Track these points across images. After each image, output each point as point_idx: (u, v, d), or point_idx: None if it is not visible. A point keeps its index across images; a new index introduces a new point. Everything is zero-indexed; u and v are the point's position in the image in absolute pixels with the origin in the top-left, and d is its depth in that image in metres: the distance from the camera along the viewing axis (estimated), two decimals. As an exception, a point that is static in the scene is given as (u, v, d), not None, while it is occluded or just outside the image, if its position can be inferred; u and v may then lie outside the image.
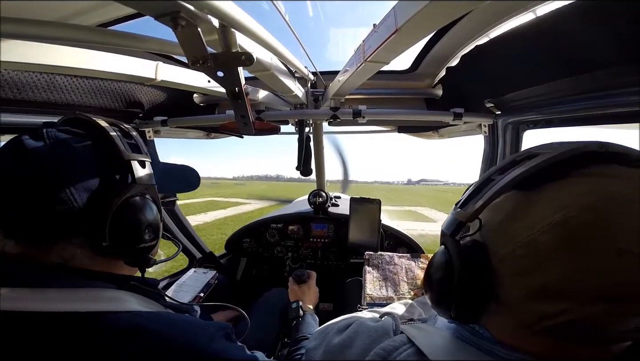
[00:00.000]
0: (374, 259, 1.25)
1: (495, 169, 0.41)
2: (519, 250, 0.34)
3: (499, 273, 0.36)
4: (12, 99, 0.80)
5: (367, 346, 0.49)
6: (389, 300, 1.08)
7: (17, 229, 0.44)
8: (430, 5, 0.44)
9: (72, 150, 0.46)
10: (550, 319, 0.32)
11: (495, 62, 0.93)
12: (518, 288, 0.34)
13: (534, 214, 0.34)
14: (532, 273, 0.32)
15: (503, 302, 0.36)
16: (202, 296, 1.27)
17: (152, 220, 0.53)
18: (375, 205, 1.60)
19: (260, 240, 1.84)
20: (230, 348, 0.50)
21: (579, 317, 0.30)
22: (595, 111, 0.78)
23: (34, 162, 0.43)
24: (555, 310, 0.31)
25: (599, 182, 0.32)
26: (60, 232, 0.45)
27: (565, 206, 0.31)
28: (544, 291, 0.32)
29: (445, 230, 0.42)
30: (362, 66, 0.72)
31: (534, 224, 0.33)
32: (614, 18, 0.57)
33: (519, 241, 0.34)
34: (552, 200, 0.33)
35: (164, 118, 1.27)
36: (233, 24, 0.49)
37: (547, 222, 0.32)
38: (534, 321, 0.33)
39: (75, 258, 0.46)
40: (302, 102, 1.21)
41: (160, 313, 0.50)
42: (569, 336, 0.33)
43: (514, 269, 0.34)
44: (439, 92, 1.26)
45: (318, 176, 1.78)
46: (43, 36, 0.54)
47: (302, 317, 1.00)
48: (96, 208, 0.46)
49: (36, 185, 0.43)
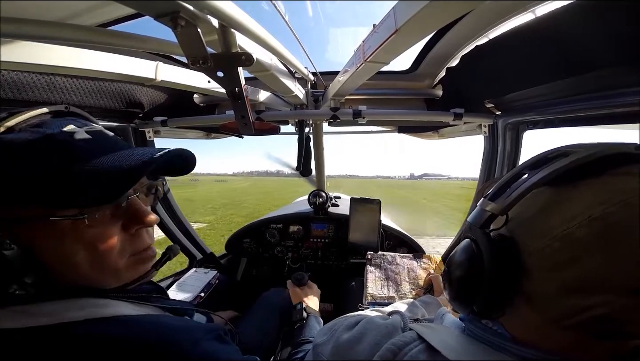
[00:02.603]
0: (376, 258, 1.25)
1: (525, 165, 0.42)
2: (555, 244, 0.34)
3: (527, 267, 0.36)
4: (12, 99, 0.80)
5: (377, 341, 0.48)
6: (390, 300, 1.08)
7: None
8: (430, 5, 0.44)
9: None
10: (584, 313, 0.32)
11: (495, 62, 0.93)
12: (550, 282, 0.34)
13: (570, 209, 0.34)
14: (567, 267, 0.33)
15: (531, 297, 0.37)
16: (202, 296, 1.27)
17: None
18: (375, 205, 1.59)
19: (260, 240, 1.84)
20: (219, 350, 0.48)
21: (613, 310, 0.31)
22: (595, 111, 0.78)
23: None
24: (589, 303, 0.31)
25: (637, 181, 0.32)
26: None
27: (604, 201, 0.32)
28: (579, 285, 0.32)
29: (473, 222, 0.42)
30: (362, 66, 0.72)
31: (571, 218, 0.33)
32: (614, 18, 0.57)
33: (554, 235, 0.34)
34: (590, 196, 0.33)
35: (164, 118, 1.27)
36: (233, 24, 0.49)
37: (585, 216, 0.32)
38: (567, 316, 0.34)
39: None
40: (302, 102, 1.21)
41: (143, 318, 0.48)
42: (599, 330, 0.33)
43: (547, 264, 0.35)
44: (439, 92, 1.26)
45: (318, 176, 1.78)
46: (43, 36, 0.54)
47: (306, 319, 0.99)
48: None
49: None
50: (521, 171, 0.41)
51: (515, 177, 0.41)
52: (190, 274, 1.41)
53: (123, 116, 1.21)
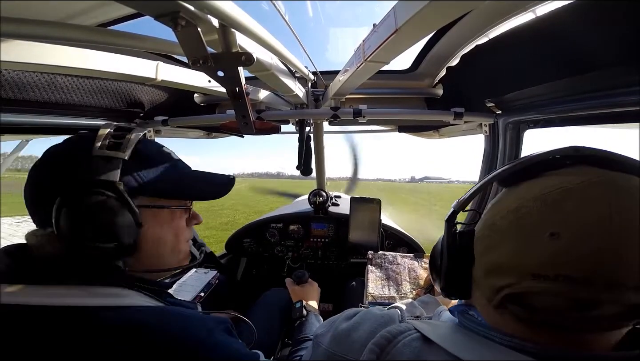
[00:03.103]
0: (377, 258, 1.25)
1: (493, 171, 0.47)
2: (485, 232, 0.41)
3: (474, 255, 0.43)
4: (13, 99, 0.80)
5: (373, 329, 0.50)
6: (391, 300, 1.08)
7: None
8: (430, 5, 0.44)
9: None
10: (500, 292, 0.37)
11: (495, 62, 0.93)
12: (481, 266, 0.41)
13: (502, 204, 0.40)
14: (490, 251, 0.39)
15: (475, 280, 0.43)
16: (202, 295, 1.27)
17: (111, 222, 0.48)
18: (376, 205, 1.59)
19: (260, 240, 1.85)
20: (231, 342, 0.50)
21: (520, 291, 0.34)
22: (595, 111, 0.78)
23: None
24: (502, 283, 0.36)
25: (559, 179, 0.36)
26: None
27: (522, 197, 0.37)
28: (496, 267, 0.37)
29: (445, 218, 0.49)
30: (362, 65, 0.72)
31: (498, 211, 0.39)
32: (614, 18, 0.57)
33: (486, 224, 0.41)
34: (519, 193, 0.39)
35: (164, 118, 1.27)
36: (233, 24, 0.49)
37: (506, 209, 0.38)
38: (490, 296, 0.38)
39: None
40: (303, 102, 1.21)
41: (159, 308, 0.51)
42: (522, 314, 0.36)
43: (480, 249, 0.41)
44: (440, 91, 1.26)
45: (318, 176, 1.78)
46: (43, 36, 0.54)
47: (305, 317, 0.99)
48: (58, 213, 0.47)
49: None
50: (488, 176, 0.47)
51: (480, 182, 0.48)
52: (190, 274, 1.41)
53: (124, 116, 1.21)
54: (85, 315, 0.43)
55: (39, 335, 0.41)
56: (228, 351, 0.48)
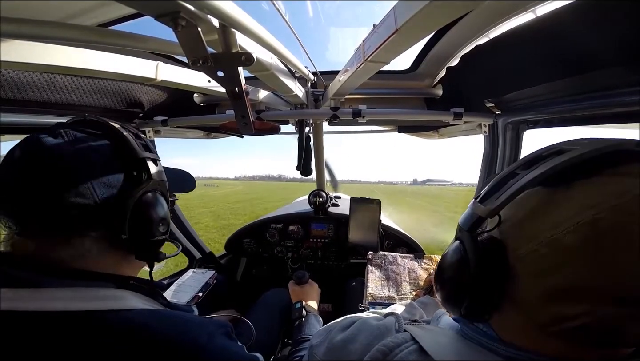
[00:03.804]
0: (377, 259, 1.25)
1: (519, 164, 0.40)
2: (541, 249, 0.32)
3: (516, 271, 0.35)
4: (12, 99, 0.80)
5: (369, 342, 0.49)
6: (390, 300, 1.08)
7: (38, 224, 0.45)
8: (430, 5, 0.44)
9: (91, 147, 0.48)
10: (568, 321, 0.31)
11: (495, 62, 0.93)
12: (535, 289, 0.33)
13: (559, 213, 0.32)
14: (552, 274, 0.31)
15: (517, 302, 0.36)
16: (200, 296, 1.27)
17: (164, 215, 0.55)
18: (376, 205, 1.59)
19: (260, 240, 1.84)
20: (230, 346, 0.50)
21: (598, 320, 0.30)
22: (595, 111, 0.78)
23: (53, 158, 0.44)
24: (574, 312, 0.30)
25: (633, 183, 0.29)
26: (80, 225, 0.46)
27: (595, 205, 0.30)
28: (564, 293, 0.31)
29: (462, 225, 0.41)
30: (362, 66, 0.72)
31: (559, 223, 0.31)
32: (614, 18, 0.57)
33: (541, 240, 0.32)
34: (581, 199, 0.31)
35: (164, 118, 1.27)
36: (233, 24, 0.49)
37: (573, 221, 0.30)
38: (550, 323, 0.33)
39: (90, 253, 0.48)
40: (302, 102, 1.21)
41: (159, 311, 0.51)
42: (584, 338, 0.32)
43: (533, 269, 0.33)
44: (439, 92, 1.26)
45: (318, 176, 1.78)
46: (43, 36, 0.54)
47: (305, 317, 0.99)
48: (116, 202, 0.48)
49: (57, 179, 0.44)
50: (514, 170, 0.39)
51: (507, 177, 0.39)
52: (188, 274, 1.41)
53: (123, 116, 1.21)
54: (85, 319, 0.42)
55: (38, 341, 0.40)
56: (228, 355, 0.48)
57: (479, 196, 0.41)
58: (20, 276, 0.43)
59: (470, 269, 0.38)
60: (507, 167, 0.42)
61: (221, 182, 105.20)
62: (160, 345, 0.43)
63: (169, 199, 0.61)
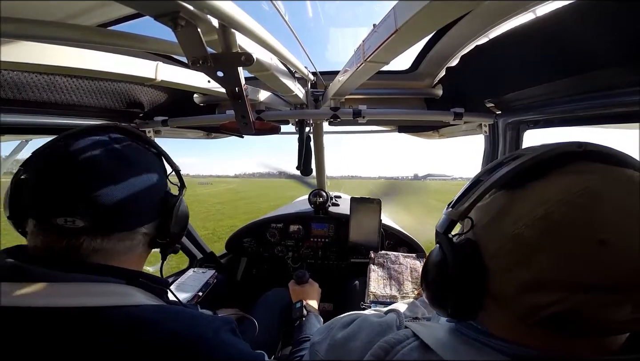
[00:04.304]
0: (379, 258, 1.25)
1: (484, 171, 0.43)
2: (508, 245, 0.35)
3: (491, 269, 0.38)
4: (12, 99, 0.80)
5: (370, 339, 0.49)
6: (392, 299, 1.08)
7: (102, 223, 0.48)
8: (430, 5, 0.44)
9: (145, 157, 0.56)
10: (542, 310, 0.33)
11: (495, 62, 0.93)
12: (509, 282, 0.36)
13: (518, 210, 0.36)
14: (521, 267, 0.34)
15: (497, 297, 0.38)
16: (200, 295, 1.27)
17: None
18: (376, 205, 1.60)
19: (260, 240, 1.84)
20: (236, 342, 0.51)
21: (570, 307, 0.31)
22: (595, 111, 0.78)
23: (122, 160, 0.51)
24: (546, 301, 0.32)
25: (577, 178, 0.34)
26: (134, 224, 0.52)
27: (546, 201, 0.33)
28: (535, 283, 0.33)
29: (438, 229, 0.44)
30: (362, 66, 0.72)
31: (519, 219, 0.35)
32: (614, 18, 0.57)
33: (507, 236, 0.35)
34: (535, 196, 0.35)
35: (164, 118, 1.27)
36: (233, 24, 0.49)
37: (530, 217, 0.34)
38: (528, 314, 0.35)
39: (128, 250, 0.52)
40: (302, 102, 1.21)
41: (165, 306, 0.51)
42: (564, 327, 0.34)
43: (505, 264, 0.36)
44: (439, 92, 1.26)
45: (318, 176, 1.78)
46: (43, 36, 0.54)
47: (305, 317, 0.99)
48: (161, 206, 0.56)
49: (120, 180, 0.49)
50: (479, 177, 0.43)
51: (474, 184, 0.42)
52: (188, 274, 1.42)
53: (123, 116, 1.21)
54: (91, 314, 0.42)
55: (44, 337, 0.40)
56: (233, 351, 0.48)
57: (452, 202, 0.45)
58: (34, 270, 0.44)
59: (449, 270, 0.40)
60: (474, 176, 0.46)
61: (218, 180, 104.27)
62: (167, 339, 0.43)
63: None
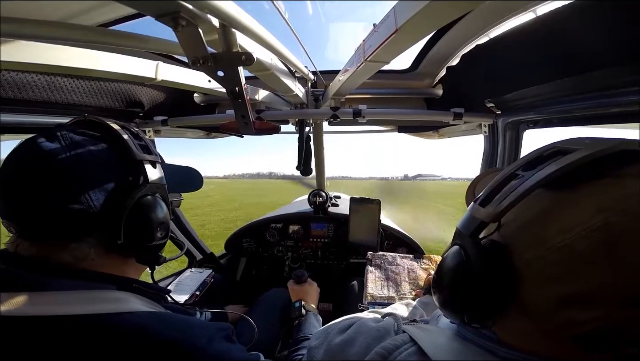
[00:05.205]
0: (377, 259, 1.25)
1: (520, 164, 0.38)
2: (551, 255, 0.31)
3: (523, 277, 0.33)
4: (12, 99, 0.80)
5: (368, 344, 0.48)
6: (390, 300, 1.08)
7: (35, 230, 0.45)
8: (430, 5, 0.44)
9: (88, 151, 0.47)
10: (581, 326, 0.30)
11: (495, 61, 0.93)
12: (546, 294, 0.32)
13: (569, 217, 0.31)
14: (564, 280, 0.30)
15: (524, 307, 0.34)
16: (198, 294, 1.27)
17: (163, 219, 0.54)
18: (375, 205, 1.59)
19: (260, 240, 1.84)
20: (230, 349, 0.50)
21: (612, 323, 0.29)
22: (595, 111, 0.78)
23: (51, 163, 0.44)
24: (587, 317, 0.30)
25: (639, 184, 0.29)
26: (76, 231, 0.46)
27: (606, 209, 0.29)
28: (577, 299, 0.30)
29: (462, 230, 0.39)
30: (362, 65, 0.72)
31: (569, 228, 0.30)
32: (614, 18, 0.57)
33: (550, 245, 0.31)
34: (590, 202, 0.30)
35: (164, 118, 1.27)
36: (233, 23, 0.49)
37: (584, 226, 0.29)
38: (560, 329, 0.32)
39: (87, 257, 0.47)
40: (303, 101, 1.21)
41: (160, 313, 0.51)
42: (593, 342, 0.31)
43: (544, 275, 0.32)
44: (439, 92, 1.26)
45: (318, 176, 1.78)
46: (43, 36, 0.54)
47: (304, 317, 0.99)
48: (111, 208, 0.47)
49: (54, 185, 0.44)
50: (515, 171, 0.38)
51: (508, 179, 0.37)
52: (186, 274, 1.42)
53: (123, 116, 1.21)
54: (85, 323, 0.42)
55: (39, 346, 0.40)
56: (226, 359, 0.48)
57: (479, 198, 0.39)
58: (23, 277, 0.43)
59: (474, 275, 0.36)
60: (505, 169, 0.40)
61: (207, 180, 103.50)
62: (159, 347, 0.43)
63: (174, 199, 0.60)
